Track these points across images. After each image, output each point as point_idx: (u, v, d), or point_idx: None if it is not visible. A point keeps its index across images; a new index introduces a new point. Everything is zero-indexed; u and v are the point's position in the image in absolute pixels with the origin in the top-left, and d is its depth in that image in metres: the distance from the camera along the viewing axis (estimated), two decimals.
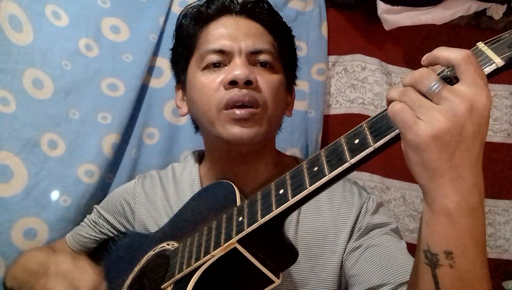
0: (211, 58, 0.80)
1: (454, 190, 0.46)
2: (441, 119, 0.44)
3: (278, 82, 0.82)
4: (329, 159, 0.53)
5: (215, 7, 0.84)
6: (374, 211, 0.82)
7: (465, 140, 0.45)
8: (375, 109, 1.29)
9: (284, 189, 0.57)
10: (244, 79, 0.75)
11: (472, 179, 0.47)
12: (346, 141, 0.53)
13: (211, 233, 0.65)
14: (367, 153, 0.50)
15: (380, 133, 0.49)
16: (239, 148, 0.80)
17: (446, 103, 0.45)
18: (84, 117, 1.07)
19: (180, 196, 0.89)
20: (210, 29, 0.83)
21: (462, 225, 0.47)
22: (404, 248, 0.76)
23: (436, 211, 0.48)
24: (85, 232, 0.96)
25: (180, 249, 0.69)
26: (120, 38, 1.14)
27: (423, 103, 0.46)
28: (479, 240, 0.49)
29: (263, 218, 0.57)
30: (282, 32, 0.88)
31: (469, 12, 1.21)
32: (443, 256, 0.49)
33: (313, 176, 0.54)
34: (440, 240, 0.49)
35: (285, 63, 0.86)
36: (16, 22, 1.01)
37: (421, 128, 0.45)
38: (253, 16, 0.84)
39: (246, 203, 0.63)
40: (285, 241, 0.62)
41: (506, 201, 1.28)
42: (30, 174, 0.98)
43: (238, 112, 0.75)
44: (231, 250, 0.60)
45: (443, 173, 0.46)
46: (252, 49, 0.80)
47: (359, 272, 0.74)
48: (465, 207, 0.47)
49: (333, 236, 0.80)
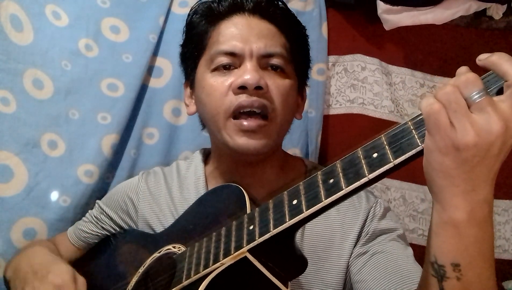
0: (221, 60, 0.77)
1: (465, 202, 0.46)
2: (472, 133, 0.43)
3: (289, 87, 0.79)
4: (346, 172, 0.52)
5: (227, 5, 0.81)
6: (381, 216, 0.81)
7: (489, 157, 0.45)
8: (375, 109, 1.29)
9: (297, 200, 0.55)
10: (254, 84, 0.73)
11: (484, 193, 0.46)
12: (364, 155, 0.51)
13: (221, 240, 0.63)
14: (386, 169, 0.48)
15: (401, 149, 0.48)
16: (246, 157, 0.79)
17: (483, 117, 0.43)
18: (84, 117, 1.07)
19: (184, 194, 0.88)
20: (221, 28, 0.80)
21: (470, 237, 0.47)
22: (410, 255, 0.75)
23: (445, 221, 0.48)
24: (87, 227, 0.95)
25: (187, 254, 0.68)
26: (120, 38, 1.14)
27: (459, 109, 0.44)
28: (487, 253, 0.49)
29: (276, 229, 0.56)
30: (295, 33, 0.85)
31: (469, 12, 1.21)
32: (451, 268, 0.49)
33: (329, 189, 0.52)
34: (448, 251, 0.49)
35: (297, 65, 0.84)
36: (17, 22, 1.01)
37: (450, 135, 0.44)
38: (266, 16, 0.81)
39: (258, 211, 0.61)
40: (296, 251, 0.61)
41: (506, 201, 1.28)
42: (30, 174, 0.98)
43: (246, 124, 0.74)
44: (241, 259, 0.59)
45: (458, 184, 0.46)
46: (264, 52, 0.77)
47: (365, 279, 0.73)
48: (474, 220, 0.47)
49: (339, 240, 0.79)
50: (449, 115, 0.45)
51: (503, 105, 0.44)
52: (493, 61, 0.46)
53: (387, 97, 1.29)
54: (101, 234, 0.96)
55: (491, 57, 0.46)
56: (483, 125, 0.43)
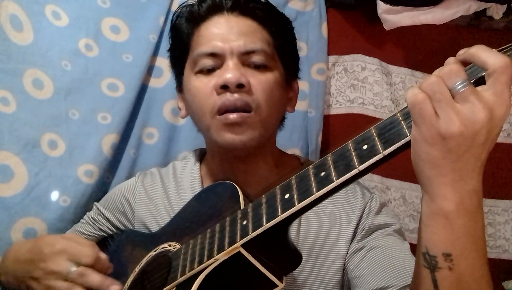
0: (204, 63, 0.78)
1: (454, 192, 0.46)
2: (457, 122, 0.44)
3: (273, 81, 0.79)
4: (337, 164, 0.52)
5: (206, 6, 0.82)
6: (377, 211, 0.81)
7: (475, 146, 0.45)
8: (375, 109, 1.29)
9: (290, 194, 0.56)
10: (235, 83, 0.74)
11: (473, 183, 0.46)
12: (354, 146, 0.51)
13: (215, 236, 0.64)
14: (376, 160, 0.49)
15: (390, 139, 0.48)
16: (235, 152, 0.80)
17: (467, 106, 0.44)
18: (84, 117, 1.06)
19: (180, 194, 0.88)
20: (202, 30, 0.81)
21: (460, 226, 0.47)
22: (407, 249, 0.75)
23: (434, 212, 0.48)
24: (84, 229, 0.96)
25: (182, 251, 0.69)
26: (120, 38, 1.14)
27: (443, 99, 0.45)
28: (478, 242, 0.49)
29: (269, 223, 0.56)
30: (279, 27, 0.85)
31: (469, 12, 1.20)
32: (442, 258, 0.49)
33: (320, 182, 0.53)
34: (439, 241, 0.49)
35: (283, 59, 0.84)
36: (17, 21, 1.01)
37: (436, 124, 0.45)
38: (246, 13, 0.81)
39: (251, 206, 0.62)
40: (289, 245, 0.62)
41: (506, 201, 1.28)
42: (30, 174, 0.98)
43: (231, 116, 0.74)
44: (235, 254, 0.59)
45: (446, 173, 0.46)
46: (244, 49, 0.77)
47: (362, 274, 0.73)
48: (463, 210, 0.47)
49: (335, 236, 0.79)
50: (434, 105, 0.45)
51: (486, 94, 0.44)
52: (471, 52, 0.47)
53: (387, 97, 1.29)
54: (99, 236, 0.96)
55: (470, 50, 0.47)
56: (467, 114, 0.44)
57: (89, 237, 0.95)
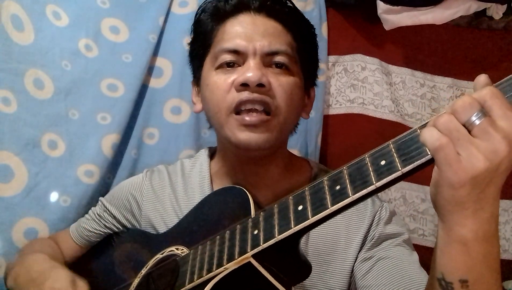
0: (225, 58, 0.77)
1: (473, 221, 0.46)
2: (481, 158, 0.43)
3: (293, 85, 0.78)
4: (353, 179, 0.51)
5: (233, 3, 0.81)
6: (387, 220, 0.81)
7: (497, 175, 0.44)
8: (375, 109, 1.29)
9: (303, 206, 0.55)
10: (256, 82, 0.73)
11: (491, 209, 0.47)
12: (372, 161, 0.50)
13: (224, 244, 0.63)
14: (394, 178, 0.48)
15: (409, 158, 0.47)
16: (248, 153, 0.79)
17: (486, 138, 0.43)
18: (84, 117, 1.07)
19: (188, 194, 0.87)
20: (227, 26, 0.80)
21: (478, 253, 0.47)
22: (416, 261, 0.75)
23: (453, 239, 0.48)
24: (89, 225, 0.95)
25: (190, 257, 0.68)
26: (119, 38, 1.14)
27: (461, 136, 0.44)
28: (494, 267, 0.49)
29: (281, 235, 0.55)
30: (302, 32, 0.84)
31: (469, 12, 1.21)
32: (459, 284, 0.49)
33: (335, 196, 0.52)
34: (456, 268, 0.49)
35: (304, 64, 0.83)
36: (18, 21, 1.01)
37: (462, 167, 0.43)
38: (272, 15, 0.80)
39: (262, 215, 0.61)
40: (300, 257, 0.61)
41: (506, 201, 1.28)
42: (30, 174, 0.98)
43: (247, 118, 0.73)
44: (245, 264, 0.58)
45: (468, 206, 0.46)
46: (268, 50, 0.77)
47: (370, 284, 0.73)
48: (482, 236, 0.47)
49: (344, 244, 0.79)
50: (456, 147, 0.44)
51: (501, 122, 0.43)
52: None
53: (387, 97, 1.29)
54: (104, 233, 0.95)
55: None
56: (489, 147, 0.43)
57: (94, 234, 0.95)
